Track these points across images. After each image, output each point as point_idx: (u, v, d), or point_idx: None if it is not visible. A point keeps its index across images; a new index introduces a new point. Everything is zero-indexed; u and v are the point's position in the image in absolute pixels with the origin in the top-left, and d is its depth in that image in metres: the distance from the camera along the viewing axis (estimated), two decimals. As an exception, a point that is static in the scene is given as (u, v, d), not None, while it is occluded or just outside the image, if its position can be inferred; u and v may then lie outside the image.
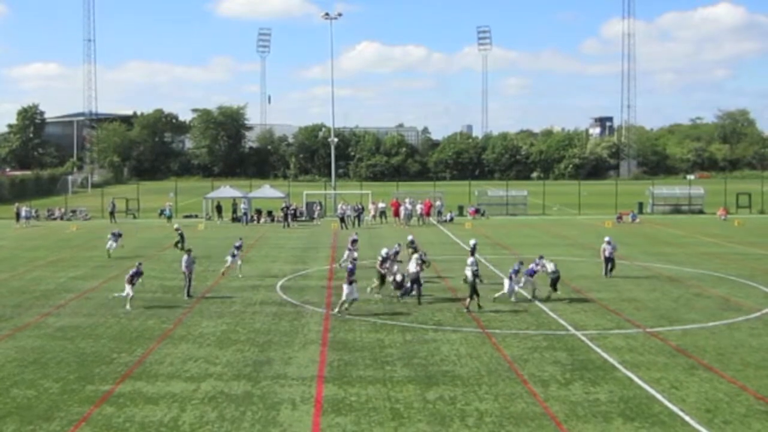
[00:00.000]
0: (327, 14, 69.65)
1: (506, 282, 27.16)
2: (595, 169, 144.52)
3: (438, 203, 62.07)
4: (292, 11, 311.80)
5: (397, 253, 30.28)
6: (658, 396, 16.83)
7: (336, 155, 77.84)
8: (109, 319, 24.61)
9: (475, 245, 31.84)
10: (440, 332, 22.75)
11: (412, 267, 27.84)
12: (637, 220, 59.04)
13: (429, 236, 49.05)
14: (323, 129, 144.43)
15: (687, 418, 15.43)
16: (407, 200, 59.75)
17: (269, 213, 61.25)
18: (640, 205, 67.37)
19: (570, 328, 23.16)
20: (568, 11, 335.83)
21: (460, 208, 65.66)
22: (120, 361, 19.89)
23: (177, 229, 42.63)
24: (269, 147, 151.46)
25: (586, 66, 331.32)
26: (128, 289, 26.30)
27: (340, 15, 70.33)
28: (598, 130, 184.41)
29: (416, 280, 27.21)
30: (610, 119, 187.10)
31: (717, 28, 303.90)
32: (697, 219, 63.15)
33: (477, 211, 64.94)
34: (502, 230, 52.69)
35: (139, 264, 27.75)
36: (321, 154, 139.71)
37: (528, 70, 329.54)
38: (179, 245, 40.15)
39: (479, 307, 25.60)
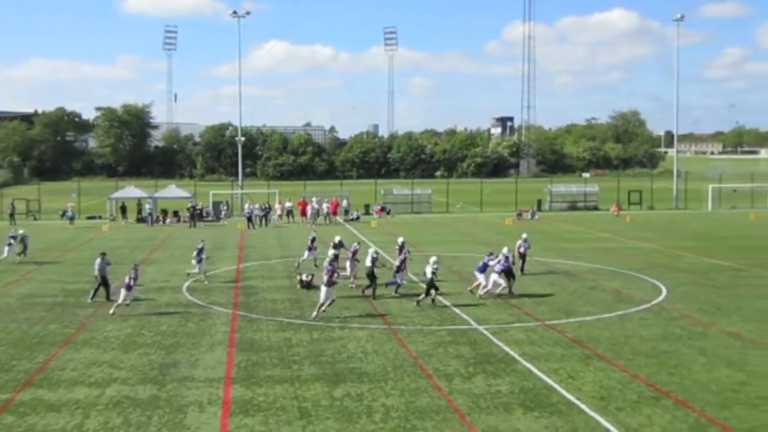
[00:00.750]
0: (235, 12, 68.95)
1: (481, 277, 27.40)
2: (497, 168, 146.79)
3: (345, 202, 62.12)
4: (201, 9, 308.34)
5: (356, 251, 30.44)
6: (556, 386, 17.25)
7: (243, 154, 77.06)
8: (9, 325, 23.71)
9: (403, 242, 32.29)
10: (347, 330, 22.77)
11: (368, 262, 27.98)
12: (536, 217, 60.30)
13: (336, 235, 48.95)
14: (230, 128, 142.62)
15: (583, 407, 15.86)
16: (314, 199, 59.59)
17: (175, 213, 60.14)
18: (539, 203, 68.86)
19: (473, 322, 23.50)
20: (472, 13, 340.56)
21: (367, 207, 65.87)
22: (20, 368, 19.17)
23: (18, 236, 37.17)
24: (175, 146, 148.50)
25: (488, 67, 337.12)
26: (124, 294, 24.99)
27: (248, 13, 70.03)
28: (499, 129, 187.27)
29: (372, 275, 27.40)
30: (511, 119, 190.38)
31: (612, 32, 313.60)
32: (592, 215, 64.92)
33: (383, 209, 65.28)
34: (408, 228, 53.04)
35: (136, 266, 27.01)
36: (228, 153, 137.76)
37: (433, 70, 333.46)
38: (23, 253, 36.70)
39: (432, 302, 25.91)
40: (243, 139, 76.92)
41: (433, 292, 25.82)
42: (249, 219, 55.22)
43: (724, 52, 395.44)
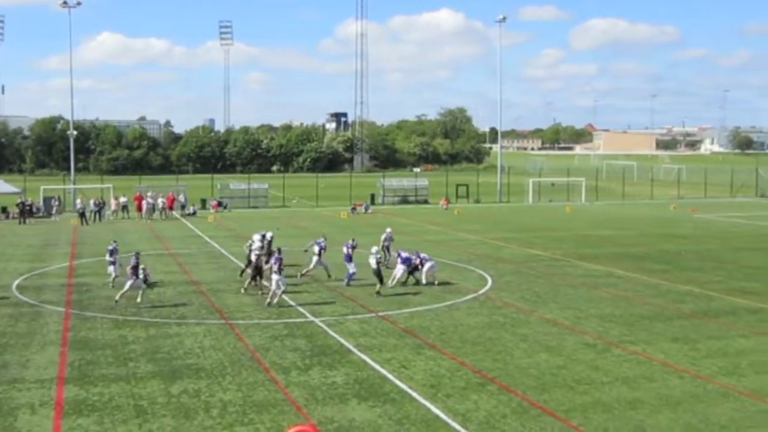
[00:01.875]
0: (65, 2, 65.54)
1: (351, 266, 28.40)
2: (331, 163, 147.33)
3: (181, 197, 60.61)
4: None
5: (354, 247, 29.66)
6: (389, 375, 17.56)
7: (75, 148, 73.82)
8: None
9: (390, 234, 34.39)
10: (184, 326, 22.31)
11: (372, 263, 27.21)
12: (370, 211, 61.04)
13: (172, 230, 47.88)
14: (62, 121, 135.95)
15: (414, 395, 16.23)
16: (149, 194, 57.82)
17: (3, 209, 56.76)
18: (372, 197, 69.76)
19: (309, 315, 23.56)
20: (308, 10, 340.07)
21: (203, 201, 64.59)
22: None
23: None
24: (3, 140, 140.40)
25: (323, 64, 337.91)
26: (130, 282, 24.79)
27: (79, 3, 66.22)
28: (334, 125, 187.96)
29: (379, 274, 26.95)
30: (345, 115, 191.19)
31: (439, 32, 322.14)
32: (423, 209, 66.41)
33: (219, 204, 64.17)
34: (245, 223, 52.45)
35: (137, 254, 25.96)
36: (60, 148, 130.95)
37: (269, 66, 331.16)
38: None
39: (378, 294, 26.30)
40: (75, 132, 73.62)
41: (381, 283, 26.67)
42: (82, 215, 52.81)
43: (542, 53, 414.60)
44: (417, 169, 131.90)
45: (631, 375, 17.67)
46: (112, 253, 28.43)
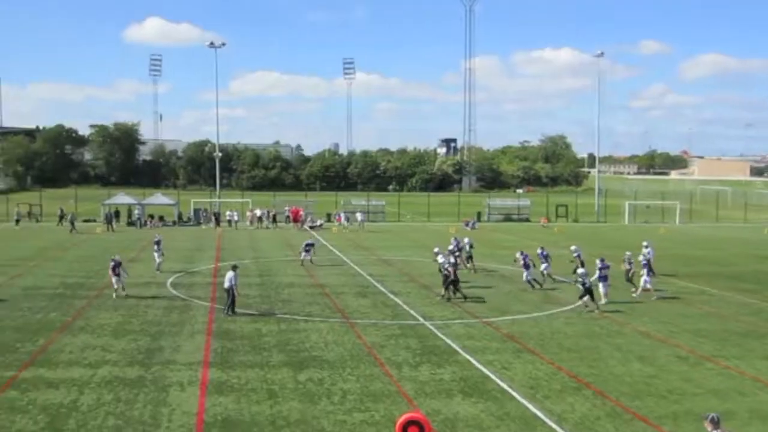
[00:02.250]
0: (212, 44, 68.42)
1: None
2: (442, 183, 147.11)
3: (308, 210, 62.03)
4: (194, 39, 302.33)
5: (459, 250, 30.95)
6: (492, 375, 17.39)
7: (220, 168, 76.53)
8: (14, 312, 23.37)
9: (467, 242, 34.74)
10: (310, 322, 22.73)
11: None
12: (476, 227, 60.65)
13: (301, 240, 48.83)
14: (209, 144, 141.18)
15: (514, 394, 16.02)
16: (285, 207, 59.48)
17: (161, 218, 59.64)
18: (479, 214, 69.30)
19: (420, 318, 23.60)
20: (432, 47, 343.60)
21: (328, 216, 65.58)
22: (23, 350, 18.91)
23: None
24: (160, 160, 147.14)
25: (445, 95, 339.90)
26: (114, 281, 26.29)
27: (223, 44, 68.90)
28: (444, 149, 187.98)
29: (456, 280, 27.24)
30: (455, 140, 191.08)
31: (554, 66, 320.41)
32: (524, 226, 65.39)
33: (348, 219, 64.89)
34: (363, 234, 53.03)
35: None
36: (207, 167, 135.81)
37: (398, 96, 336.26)
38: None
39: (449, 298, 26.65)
40: (220, 154, 76.31)
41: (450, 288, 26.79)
42: (228, 222, 55.36)
43: (651, 87, 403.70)
44: (520, 191, 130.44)
45: (722, 388, 16.81)
46: (157, 244, 32.73)
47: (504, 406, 15.31)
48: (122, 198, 62.86)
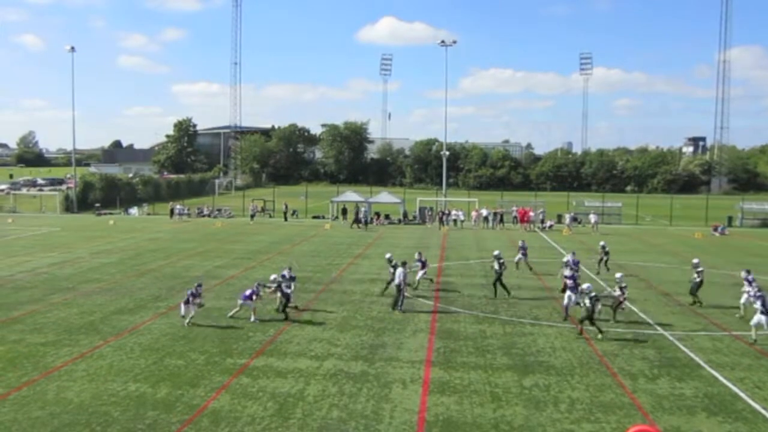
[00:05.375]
0: (443, 42, 69.81)
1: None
2: (687, 185, 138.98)
3: (540, 211, 61.21)
4: (425, 37, 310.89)
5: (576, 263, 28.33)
6: (742, 394, 16.18)
7: (447, 167, 77.80)
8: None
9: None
10: (537, 327, 22.46)
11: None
12: (726, 233, 56.63)
13: (529, 241, 48.35)
14: (436, 143, 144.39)
15: (768, 416, 14.79)
16: (508, 207, 59.20)
17: (387, 216, 61.81)
18: (729, 219, 64.60)
19: (658, 328, 22.47)
20: (681, 39, 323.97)
21: (559, 217, 64.37)
22: (255, 339, 20.46)
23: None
24: (388, 158, 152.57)
25: (693, 89, 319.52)
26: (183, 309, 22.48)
27: (454, 42, 70.21)
28: (691, 148, 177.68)
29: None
30: (704, 139, 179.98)
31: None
32: (785, 233, 60.00)
33: (575, 219, 63.48)
34: (597, 237, 51.37)
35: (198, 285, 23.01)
36: (434, 165, 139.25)
37: (639, 92, 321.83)
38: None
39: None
40: (447, 153, 77.60)
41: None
42: (454, 221, 56.39)
43: None
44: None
45: None
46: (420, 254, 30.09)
47: (756, 427, 14.20)
48: (350, 195, 65.99)
